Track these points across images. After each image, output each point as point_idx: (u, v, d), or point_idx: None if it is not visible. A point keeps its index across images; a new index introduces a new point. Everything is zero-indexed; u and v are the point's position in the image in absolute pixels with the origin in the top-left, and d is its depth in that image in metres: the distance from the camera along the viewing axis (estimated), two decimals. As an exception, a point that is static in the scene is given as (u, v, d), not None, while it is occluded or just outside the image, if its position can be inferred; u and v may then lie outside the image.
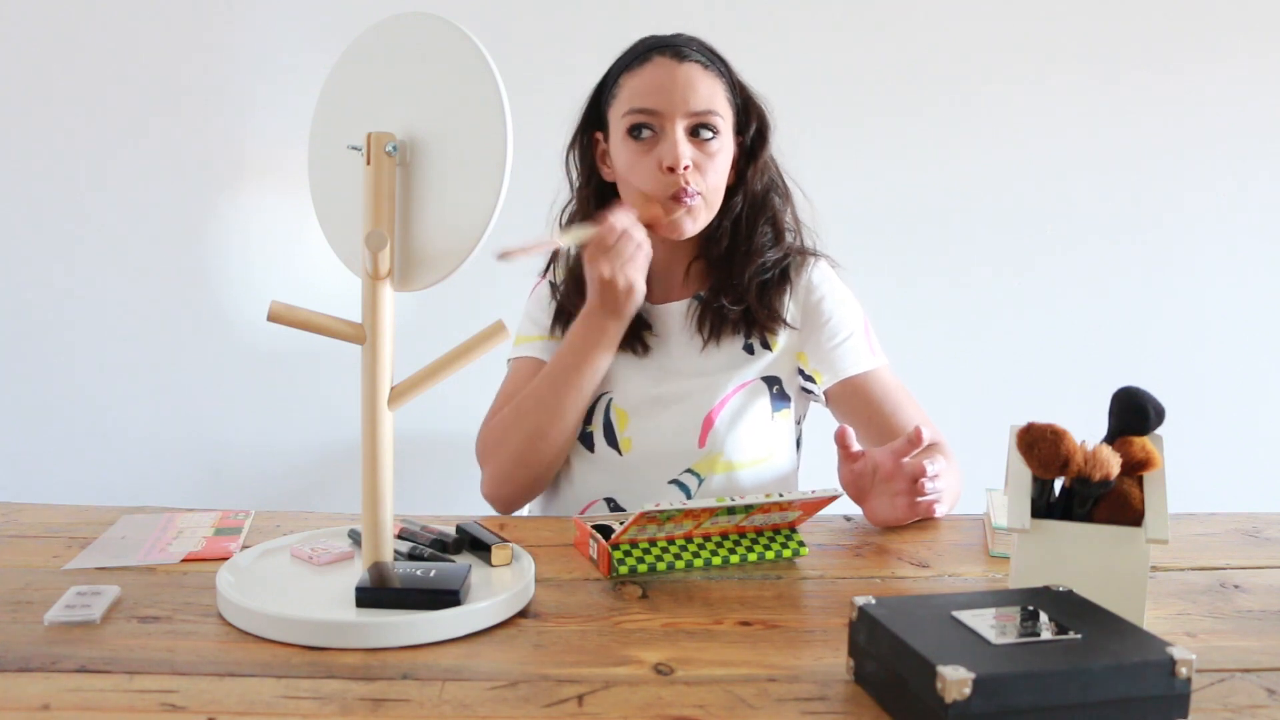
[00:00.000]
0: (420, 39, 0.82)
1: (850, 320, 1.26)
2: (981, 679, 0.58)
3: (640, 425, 1.22)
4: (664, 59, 1.17)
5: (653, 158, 1.16)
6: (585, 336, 1.17)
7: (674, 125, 1.16)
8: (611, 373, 1.23)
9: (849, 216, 2.02)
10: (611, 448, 1.23)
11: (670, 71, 1.17)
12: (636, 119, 1.17)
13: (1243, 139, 2.08)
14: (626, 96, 1.18)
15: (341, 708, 0.64)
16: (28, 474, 2.05)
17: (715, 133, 1.17)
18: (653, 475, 1.22)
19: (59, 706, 0.63)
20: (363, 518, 0.84)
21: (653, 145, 1.17)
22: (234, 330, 2.03)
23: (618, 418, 1.23)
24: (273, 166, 2.01)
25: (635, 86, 1.18)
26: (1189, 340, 2.12)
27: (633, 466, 1.22)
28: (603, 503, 1.24)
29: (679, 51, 1.18)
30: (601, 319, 1.16)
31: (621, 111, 1.18)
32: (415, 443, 1.94)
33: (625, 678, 0.69)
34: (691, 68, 1.18)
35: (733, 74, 1.23)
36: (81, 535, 0.99)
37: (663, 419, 1.22)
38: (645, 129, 1.17)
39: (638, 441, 1.22)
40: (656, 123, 1.17)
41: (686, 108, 1.16)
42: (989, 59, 2.05)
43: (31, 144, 1.99)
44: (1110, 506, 0.79)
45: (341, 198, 0.87)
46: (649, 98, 1.16)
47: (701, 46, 1.21)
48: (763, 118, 1.25)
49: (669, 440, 1.21)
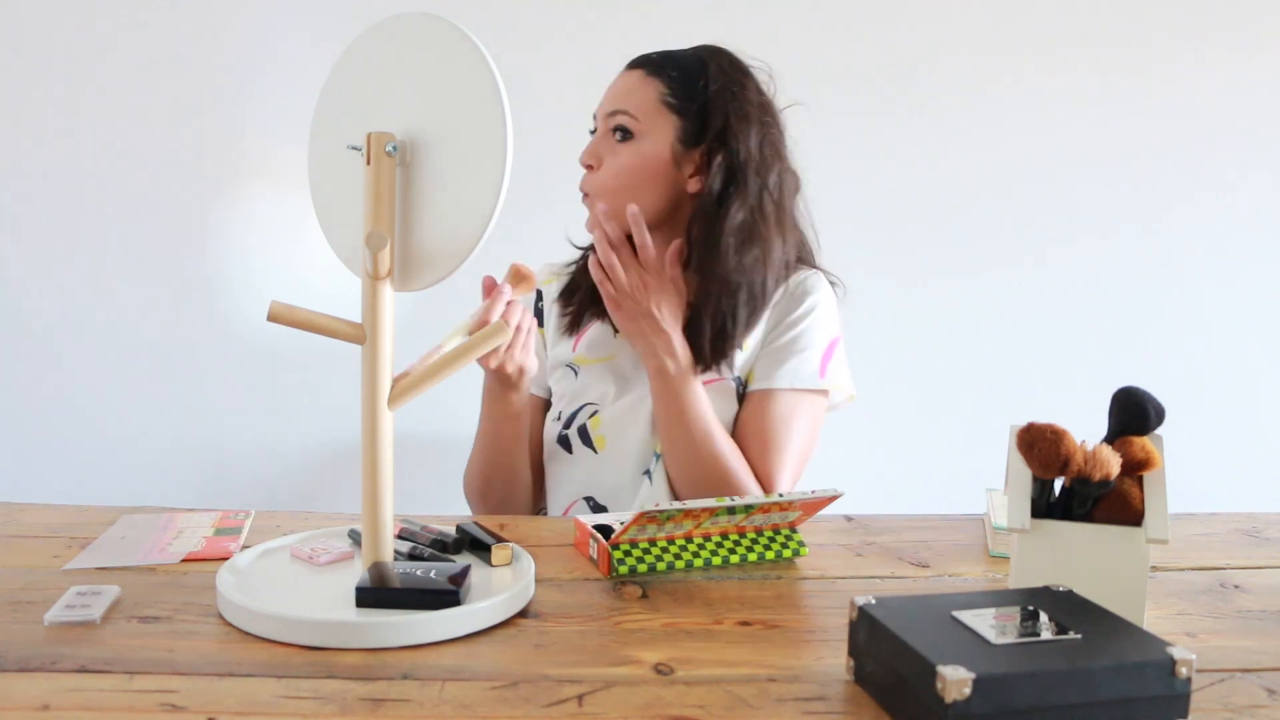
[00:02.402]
0: (420, 39, 0.82)
1: (819, 335, 1.23)
2: (981, 679, 0.58)
3: (612, 422, 1.25)
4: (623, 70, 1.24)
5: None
6: (493, 406, 1.23)
7: (600, 125, 1.22)
8: (586, 384, 1.27)
9: (849, 216, 2.02)
10: (587, 446, 1.25)
11: (616, 79, 1.23)
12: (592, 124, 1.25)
13: (1243, 137, 2.08)
14: None
15: (341, 708, 0.64)
16: (28, 474, 2.05)
17: (627, 133, 1.19)
18: (626, 467, 1.24)
19: (59, 706, 0.63)
20: (363, 518, 0.84)
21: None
22: (234, 330, 2.03)
23: (592, 423, 1.25)
24: (273, 166, 2.01)
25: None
26: (1189, 340, 2.12)
27: (608, 463, 1.24)
28: (582, 502, 1.26)
29: (632, 60, 1.23)
30: (501, 392, 1.20)
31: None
32: (415, 443, 1.94)
33: (625, 678, 0.69)
34: (631, 73, 1.21)
35: (694, 80, 1.18)
36: (81, 535, 0.99)
37: (632, 412, 1.24)
38: (594, 132, 1.24)
39: (610, 437, 1.24)
40: (597, 125, 1.24)
41: (604, 109, 1.22)
42: (988, 58, 2.05)
43: (31, 144, 1.99)
44: (1110, 506, 0.79)
45: (341, 198, 0.87)
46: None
47: (666, 56, 1.21)
48: (739, 133, 1.17)
49: (639, 431, 1.23)
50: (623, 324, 1.17)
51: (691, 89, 1.18)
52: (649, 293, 1.13)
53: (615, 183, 1.18)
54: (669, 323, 1.14)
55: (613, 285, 1.14)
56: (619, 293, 1.14)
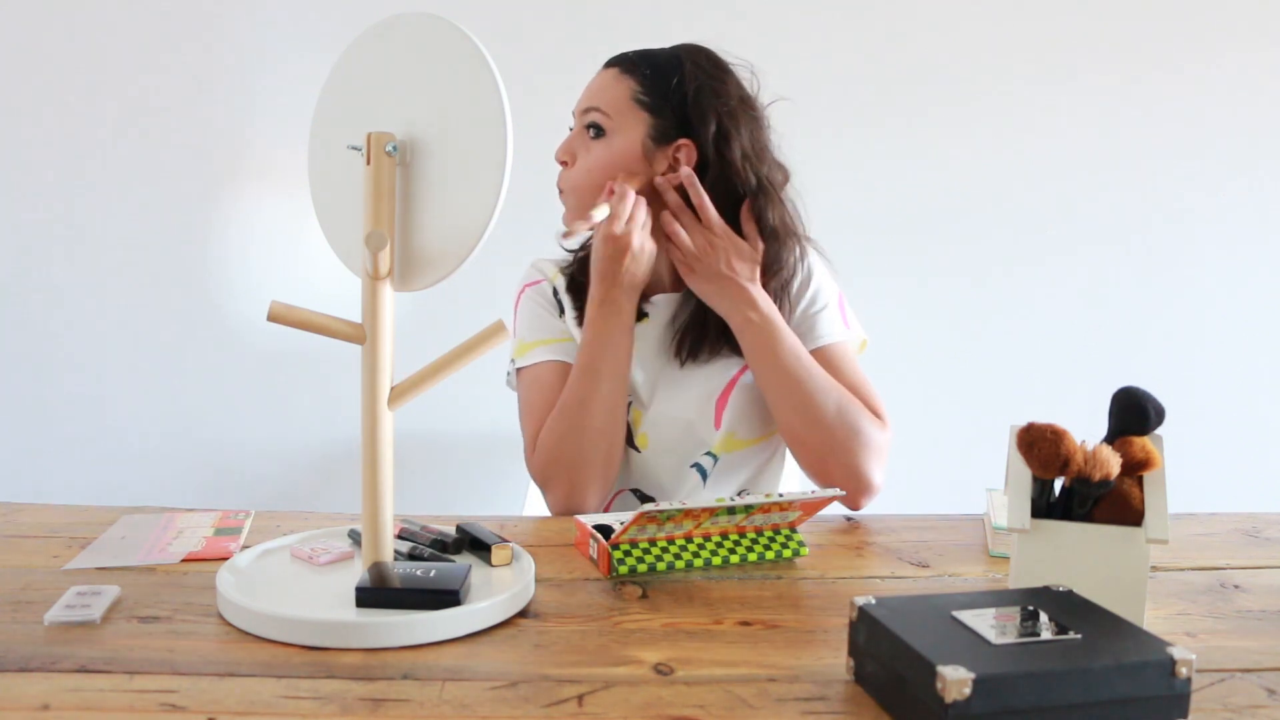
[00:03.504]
0: (420, 39, 0.82)
1: (827, 292, 1.26)
2: (981, 679, 0.58)
3: (655, 420, 1.23)
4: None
5: None
6: (604, 320, 1.16)
7: (575, 122, 1.23)
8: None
9: (850, 217, 2.02)
10: (629, 446, 1.24)
11: (593, 77, 1.24)
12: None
13: (1244, 139, 2.08)
14: None
15: (341, 708, 0.64)
16: (28, 474, 2.05)
17: (599, 130, 1.19)
18: (671, 463, 1.24)
19: (59, 706, 0.63)
20: (363, 518, 0.84)
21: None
22: (234, 330, 2.03)
23: (633, 417, 1.24)
24: (273, 166, 2.02)
25: None
26: (1189, 340, 2.12)
27: (651, 459, 1.24)
28: (629, 493, 1.26)
29: (609, 59, 1.23)
30: (609, 292, 1.16)
31: None
32: (415, 443, 1.94)
33: (625, 678, 0.69)
34: (606, 72, 1.22)
35: (667, 78, 1.18)
36: (81, 535, 0.99)
37: (676, 409, 1.23)
38: (571, 129, 1.24)
39: (654, 436, 1.23)
40: (574, 122, 1.24)
41: (578, 107, 1.23)
42: (989, 61, 2.05)
43: (32, 144, 1.99)
44: (1110, 506, 0.79)
45: (341, 198, 0.87)
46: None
47: (642, 54, 1.21)
48: (719, 122, 1.17)
49: (684, 429, 1.23)
50: (697, 286, 1.18)
51: (665, 87, 1.18)
52: (717, 252, 1.14)
53: (587, 179, 1.19)
54: (745, 277, 1.15)
55: (680, 251, 1.16)
56: (688, 257, 1.16)
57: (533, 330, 1.28)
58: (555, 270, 1.34)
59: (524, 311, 1.31)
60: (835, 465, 1.14)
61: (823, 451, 1.14)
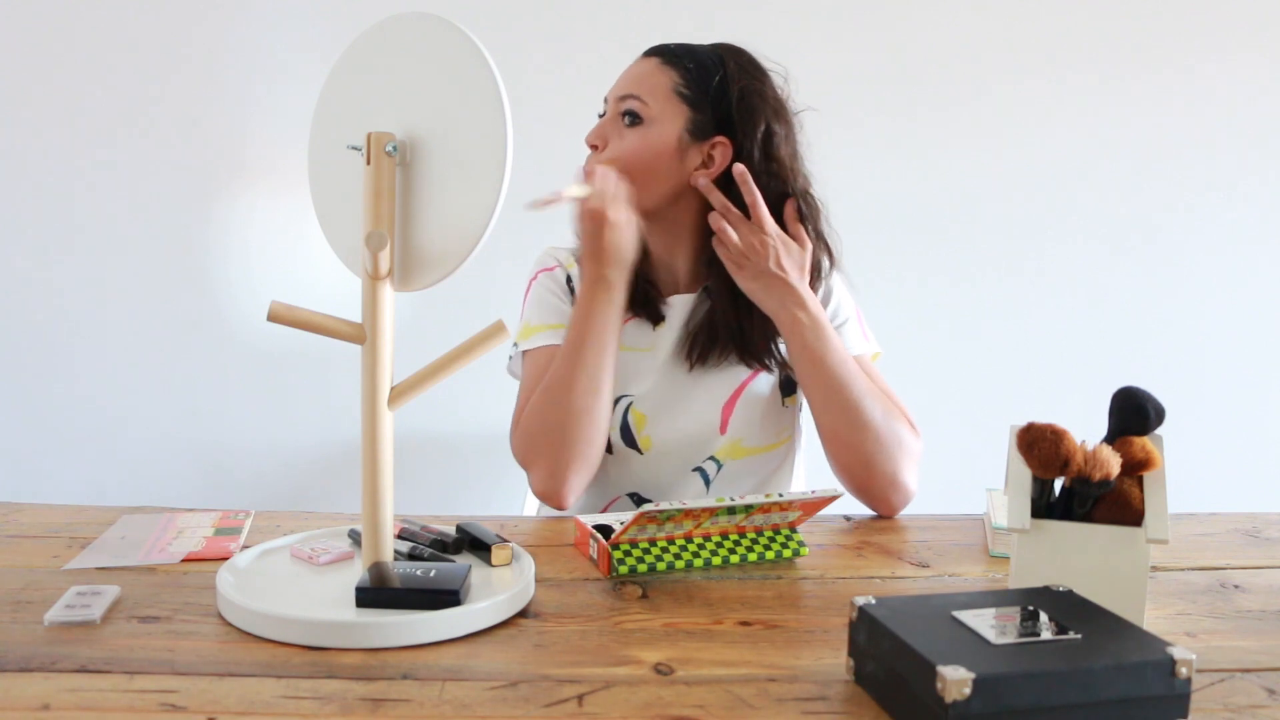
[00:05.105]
0: (420, 39, 0.82)
1: (847, 306, 1.27)
2: (981, 679, 0.58)
3: (659, 422, 1.23)
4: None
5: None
6: (594, 298, 1.15)
7: (610, 107, 1.22)
8: (625, 372, 1.23)
9: (850, 217, 2.00)
10: (630, 448, 1.23)
11: (632, 63, 1.23)
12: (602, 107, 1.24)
13: (1243, 139, 2.08)
14: None
15: (341, 708, 0.64)
16: (28, 474, 2.05)
17: (636, 118, 1.18)
18: (674, 466, 1.23)
19: (59, 706, 0.63)
20: (363, 518, 0.84)
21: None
22: (234, 330, 2.03)
23: (635, 420, 1.23)
24: (273, 166, 2.02)
25: None
26: (1189, 340, 2.12)
27: (654, 462, 1.23)
28: (626, 498, 1.25)
29: (650, 48, 1.22)
30: (599, 269, 1.14)
31: None
32: (415, 443, 1.94)
33: (625, 678, 0.69)
34: (647, 60, 1.21)
35: (709, 74, 1.18)
36: (81, 535, 0.99)
37: (682, 413, 1.22)
38: (603, 115, 1.23)
39: (658, 438, 1.23)
40: (607, 107, 1.23)
41: (615, 92, 1.22)
42: (989, 61, 2.05)
43: (32, 144, 1.99)
44: (1110, 506, 0.79)
45: (341, 198, 0.87)
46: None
47: (685, 47, 1.21)
48: (767, 124, 1.18)
49: (690, 433, 1.22)
50: (745, 284, 1.16)
51: (706, 83, 1.18)
52: (766, 250, 1.14)
53: (618, 165, 1.18)
54: (794, 276, 1.14)
55: (728, 249, 1.15)
56: (736, 255, 1.15)
57: (540, 315, 1.27)
58: (571, 258, 1.32)
59: (534, 296, 1.30)
60: (878, 471, 1.13)
61: (866, 456, 1.13)
